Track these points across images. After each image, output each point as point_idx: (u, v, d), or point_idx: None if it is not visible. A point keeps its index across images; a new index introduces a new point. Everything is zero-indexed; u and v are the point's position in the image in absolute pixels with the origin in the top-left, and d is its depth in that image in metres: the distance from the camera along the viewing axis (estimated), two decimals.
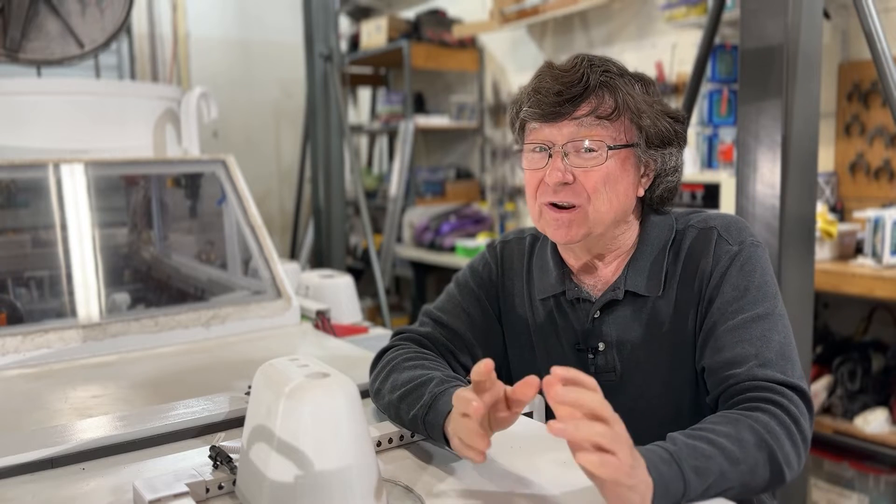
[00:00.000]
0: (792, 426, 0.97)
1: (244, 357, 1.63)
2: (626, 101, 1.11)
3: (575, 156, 1.11)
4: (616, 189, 1.12)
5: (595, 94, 1.10)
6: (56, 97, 1.98)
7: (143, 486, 0.89)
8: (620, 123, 1.11)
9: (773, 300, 1.10)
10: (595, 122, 1.10)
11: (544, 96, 1.10)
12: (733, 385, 1.03)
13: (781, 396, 0.99)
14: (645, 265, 1.17)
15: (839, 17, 2.99)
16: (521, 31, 4.40)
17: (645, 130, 1.12)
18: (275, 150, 5.69)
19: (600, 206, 1.11)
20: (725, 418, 0.96)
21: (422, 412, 1.04)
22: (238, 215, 2.01)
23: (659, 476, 0.83)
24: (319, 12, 4.13)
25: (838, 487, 2.72)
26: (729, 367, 1.05)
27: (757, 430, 0.94)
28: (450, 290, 1.34)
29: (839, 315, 3.00)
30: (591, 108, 1.10)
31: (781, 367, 1.03)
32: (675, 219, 1.21)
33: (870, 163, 2.93)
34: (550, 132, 1.12)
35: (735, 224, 1.16)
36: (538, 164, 1.14)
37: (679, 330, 1.15)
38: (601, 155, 1.10)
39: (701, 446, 0.89)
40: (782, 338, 1.07)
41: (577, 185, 1.11)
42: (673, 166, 1.18)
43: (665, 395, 1.17)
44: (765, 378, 1.01)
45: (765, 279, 1.11)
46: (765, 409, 0.97)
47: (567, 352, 1.23)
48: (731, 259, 1.12)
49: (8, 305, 1.79)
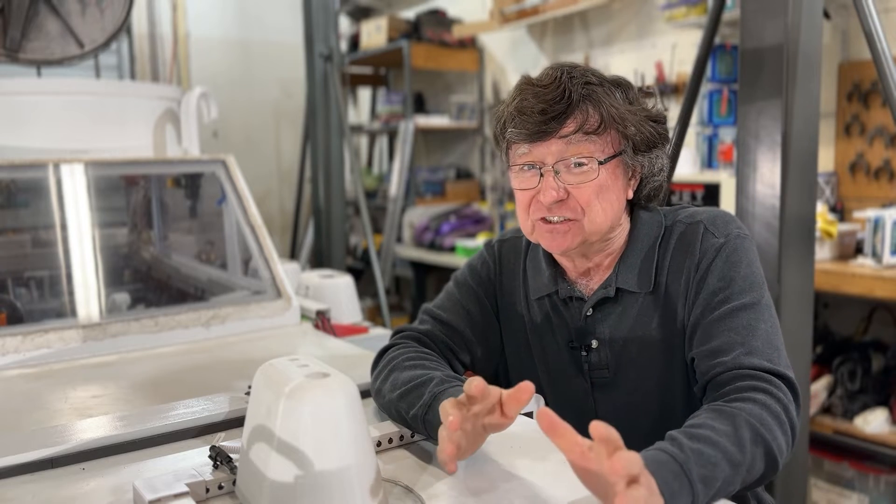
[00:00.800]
0: (782, 414, 0.98)
1: (244, 357, 1.63)
2: (610, 114, 1.11)
3: (566, 173, 1.11)
4: (609, 198, 1.13)
5: (579, 109, 1.10)
6: (56, 97, 1.98)
7: (143, 486, 0.89)
8: (607, 135, 1.12)
9: (759, 290, 1.10)
10: (583, 139, 1.10)
11: (529, 116, 1.10)
12: (721, 373, 1.04)
13: (769, 384, 1.00)
14: (635, 262, 1.18)
15: (839, 17, 2.99)
16: (521, 31, 4.40)
17: (631, 138, 1.13)
18: (275, 150, 5.69)
19: (595, 217, 1.12)
20: (722, 414, 0.96)
21: (422, 411, 1.05)
22: (238, 215, 2.01)
23: (671, 495, 0.82)
24: (319, 12, 4.13)
25: (838, 487, 2.72)
26: (716, 355, 1.06)
27: (753, 424, 0.94)
28: (449, 288, 1.35)
29: (839, 315, 3.00)
30: (577, 125, 1.10)
31: (768, 355, 1.04)
32: (664, 215, 1.22)
33: (870, 163, 2.93)
34: (539, 151, 1.12)
35: (721, 217, 1.17)
36: (529, 182, 1.14)
37: (669, 324, 1.15)
38: (592, 170, 1.11)
39: (706, 452, 0.89)
40: (769, 327, 1.07)
41: (571, 200, 1.12)
42: (659, 168, 1.19)
43: (659, 390, 1.18)
44: (751, 366, 1.02)
45: (751, 269, 1.12)
46: (755, 399, 0.98)
47: (562, 349, 1.24)
48: (717, 251, 1.12)
49: (8, 305, 1.79)
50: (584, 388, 1.23)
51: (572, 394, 1.25)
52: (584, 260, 1.21)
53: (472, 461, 1.03)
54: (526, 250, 1.31)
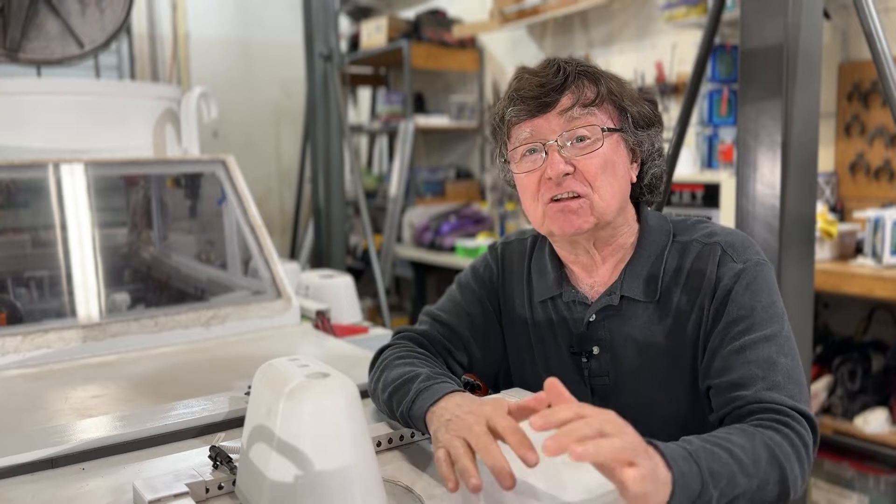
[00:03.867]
0: (801, 449, 0.97)
1: (244, 357, 1.63)
2: (608, 87, 1.12)
3: (570, 147, 1.11)
4: (615, 173, 1.13)
5: (575, 84, 1.11)
6: (56, 97, 1.97)
7: (143, 486, 0.89)
8: (605, 109, 1.13)
9: (779, 321, 1.09)
10: (582, 111, 1.11)
11: (527, 91, 1.12)
12: (741, 406, 1.02)
13: (791, 419, 0.99)
14: (642, 270, 1.17)
15: (839, 17, 2.99)
16: (521, 31, 4.40)
17: (629, 112, 1.14)
18: (275, 150, 5.69)
19: (604, 192, 1.11)
20: (741, 430, 0.95)
21: (406, 408, 1.06)
22: (238, 215, 2.01)
23: (680, 474, 0.83)
24: (319, 12, 4.13)
25: (838, 487, 2.72)
26: (736, 388, 1.04)
27: (771, 447, 0.93)
28: (451, 290, 1.35)
29: (839, 315, 3.00)
30: (574, 98, 1.11)
31: (790, 391, 1.02)
32: (674, 227, 1.21)
33: (870, 163, 2.93)
34: (540, 128, 1.12)
35: (740, 240, 1.15)
36: (534, 164, 1.14)
37: (676, 338, 1.14)
38: (596, 141, 1.11)
39: (717, 452, 0.89)
40: (790, 361, 1.06)
41: (578, 174, 1.11)
42: (658, 149, 1.20)
43: (659, 401, 1.17)
44: (773, 401, 1.01)
45: (772, 299, 1.10)
46: (777, 430, 0.97)
47: (562, 354, 1.23)
48: (737, 277, 1.10)
49: (8, 305, 1.79)
50: (583, 394, 1.22)
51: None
52: (591, 255, 1.19)
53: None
54: (531, 253, 1.30)
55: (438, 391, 1.04)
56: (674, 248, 1.17)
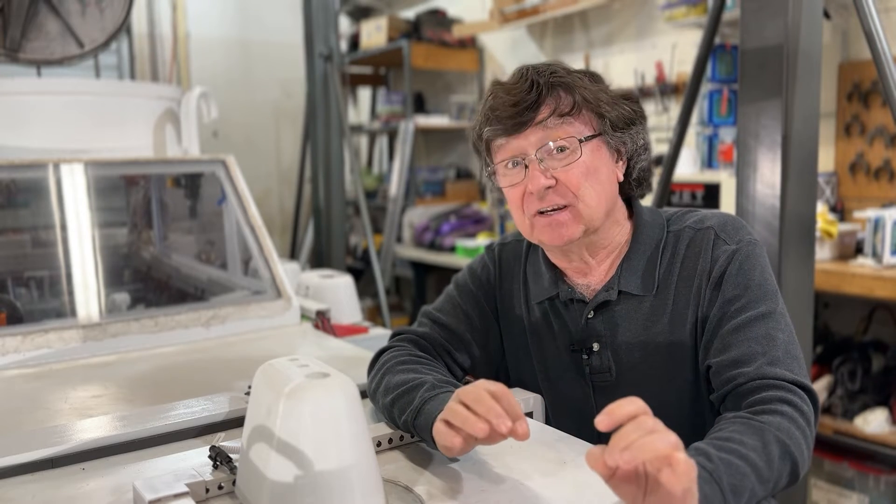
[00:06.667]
0: (806, 428, 0.98)
1: (244, 357, 1.63)
2: (582, 95, 1.12)
3: (550, 159, 1.11)
4: (599, 179, 1.13)
5: (551, 96, 1.11)
6: (56, 97, 1.97)
7: (143, 486, 0.89)
8: (583, 116, 1.13)
9: (774, 298, 1.10)
10: (559, 122, 1.11)
11: (502, 111, 1.11)
12: (743, 383, 1.03)
13: (794, 395, 1.00)
14: (638, 265, 1.17)
15: (839, 17, 2.99)
16: (521, 31, 4.40)
17: (607, 117, 1.13)
18: (275, 150, 5.69)
19: (589, 200, 1.12)
20: (750, 428, 0.95)
21: (411, 417, 1.05)
22: (238, 215, 2.01)
23: (704, 497, 0.82)
24: (319, 12, 4.13)
25: (838, 487, 2.72)
26: (736, 365, 1.05)
27: (782, 441, 0.94)
28: (449, 291, 1.34)
29: (839, 315, 3.00)
30: (550, 110, 1.11)
31: (789, 365, 1.03)
32: (667, 218, 1.21)
33: (870, 163, 2.93)
34: (518, 144, 1.12)
35: (731, 223, 1.16)
36: (516, 178, 1.14)
37: (676, 330, 1.14)
38: (575, 151, 1.11)
39: (735, 462, 0.88)
40: (787, 336, 1.07)
41: (561, 185, 1.11)
42: (642, 144, 1.19)
43: (662, 395, 1.17)
44: (775, 376, 1.02)
45: (765, 277, 1.11)
46: (783, 413, 0.97)
47: (562, 353, 1.23)
48: (730, 258, 1.12)
49: (8, 305, 1.79)
50: (584, 391, 1.22)
51: (572, 397, 1.24)
52: (586, 260, 1.20)
53: (471, 461, 1.03)
54: (527, 254, 1.30)
55: (444, 401, 1.02)
56: (668, 240, 1.18)
